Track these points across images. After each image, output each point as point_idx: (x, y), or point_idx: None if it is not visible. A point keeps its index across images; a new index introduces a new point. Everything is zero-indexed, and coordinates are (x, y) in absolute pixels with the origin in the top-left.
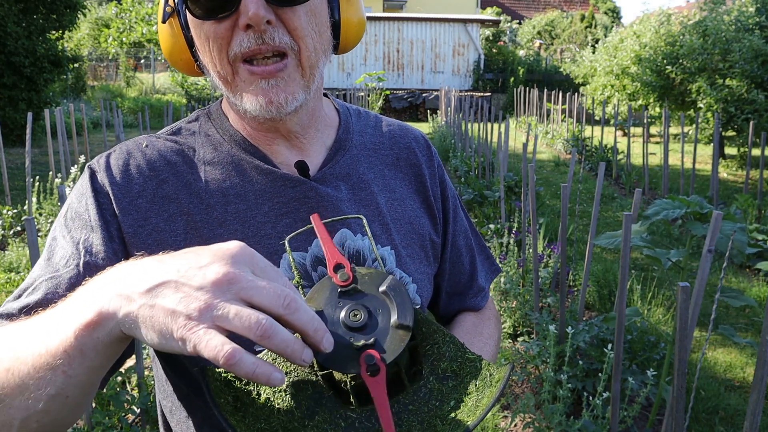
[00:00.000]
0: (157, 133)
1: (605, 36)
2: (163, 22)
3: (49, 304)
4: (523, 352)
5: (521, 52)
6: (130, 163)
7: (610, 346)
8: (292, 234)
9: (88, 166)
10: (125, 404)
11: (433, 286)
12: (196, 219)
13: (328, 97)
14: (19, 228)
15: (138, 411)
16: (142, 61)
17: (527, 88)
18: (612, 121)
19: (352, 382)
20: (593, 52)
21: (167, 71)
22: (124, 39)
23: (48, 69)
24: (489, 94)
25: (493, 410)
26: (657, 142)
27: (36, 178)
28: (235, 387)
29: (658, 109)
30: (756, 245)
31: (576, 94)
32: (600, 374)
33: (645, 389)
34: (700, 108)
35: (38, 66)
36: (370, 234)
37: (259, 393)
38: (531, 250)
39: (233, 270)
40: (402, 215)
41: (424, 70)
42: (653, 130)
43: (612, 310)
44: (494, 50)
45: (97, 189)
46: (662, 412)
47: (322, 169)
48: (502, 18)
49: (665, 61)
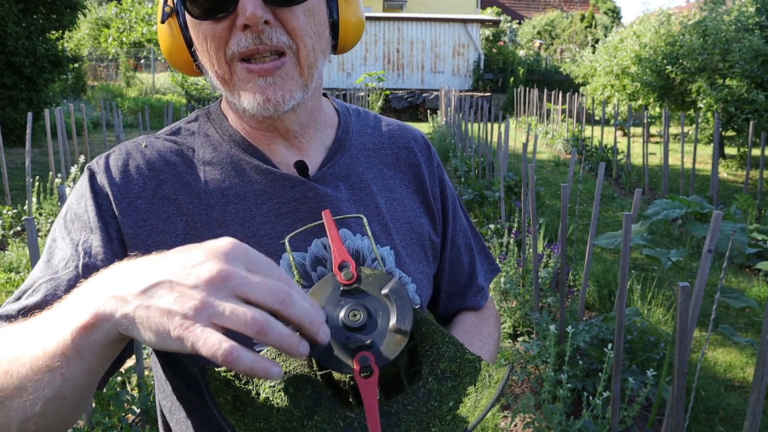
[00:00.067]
0: (156, 134)
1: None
2: (162, 22)
3: (48, 306)
4: (523, 352)
5: (521, 52)
6: (129, 163)
7: (610, 346)
8: (293, 233)
9: (88, 167)
10: (125, 404)
11: (432, 285)
12: (195, 219)
13: (327, 97)
14: (19, 228)
15: (138, 411)
16: (142, 61)
17: (527, 88)
18: (612, 121)
19: (351, 382)
20: (593, 52)
21: (167, 71)
22: (124, 39)
23: (48, 69)
24: (489, 94)
25: (493, 410)
26: (657, 142)
27: (36, 178)
28: (235, 386)
29: (658, 109)
30: (756, 245)
31: (576, 94)
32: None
33: (645, 389)
34: (700, 108)
35: (38, 66)
36: (370, 233)
37: (258, 392)
38: (531, 250)
39: (227, 267)
40: (401, 215)
41: (424, 70)
42: (653, 130)
43: (612, 310)
44: (494, 50)
45: (97, 190)
46: (662, 412)
47: (322, 169)
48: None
49: (665, 61)
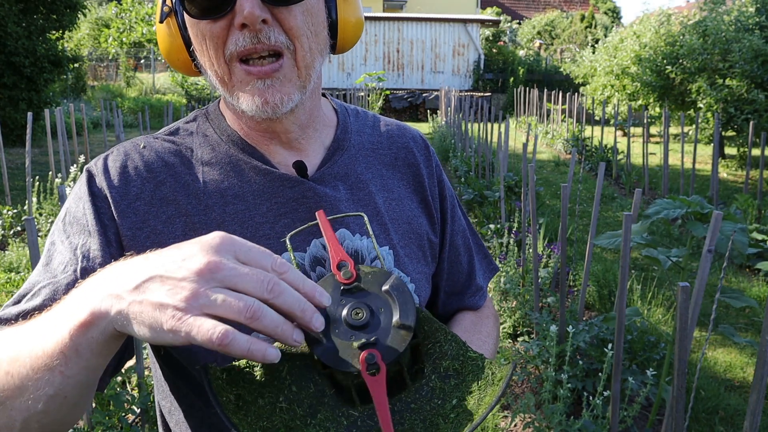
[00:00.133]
0: (154, 134)
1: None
2: (161, 21)
3: (46, 310)
4: (523, 352)
5: (521, 52)
6: (127, 165)
7: (610, 346)
8: (294, 231)
9: (86, 168)
10: (125, 404)
11: (431, 285)
12: (194, 220)
13: (326, 97)
14: (19, 228)
15: (138, 411)
16: (142, 61)
17: (527, 88)
18: (612, 121)
19: (354, 380)
20: (593, 52)
21: (167, 71)
22: (124, 39)
23: (48, 69)
24: (489, 94)
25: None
26: (657, 142)
27: (36, 178)
28: (238, 385)
29: (658, 109)
30: (756, 245)
31: (576, 94)
32: (600, 374)
33: (645, 389)
34: (700, 108)
35: (38, 66)
36: (371, 232)
37: (261, 391)
38: (531, 250)
39: (215, 258)
40: (400, 215)
41: (424, 70)
42: (653, 130)
43: (612, 310)
44: (494, 50)
45: (95, 192)
46: (662, 412)
47: (321, 169)
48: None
49: (665, 61)
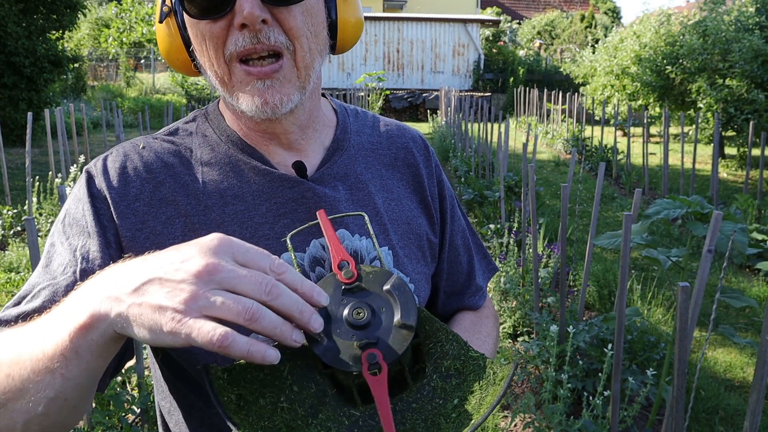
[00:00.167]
0: (154, 134)
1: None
2: (161, 21)
3: (47, 312)
4: (523, 352)
5: (521, 52)
6: (127, 165)
7: (610, 346)
8: (294, 231)
9: (86, 170)
10: (125, 404)
11: (430, 285)
12: (194, 221)
13: (325, 97)
14: (19, 228)
15: (138, 411)
16: (142, 61)
17: (527, 88)
18: (612, 121)
19: (356, 380)
20: (593, 52)
21: (167, 71)
22: (124, 39)
23: (48, 69)
24: (489, 94)
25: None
26: (657, 142)
27: (36, 178)
28: (239, 385)
29: (658, 109)
30: (756, 245)
31: (576, 94)
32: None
33: (645, 389)
34: (700, 108)
35: (38, 66)
36: (372, 231)
37: (262, 391)
38: (531, 250)
39: (213, 261)
40: (399, 215)
41: (424, 70)
42: (653, 130)
43: (612, 310)
44: (494, 50)
45: (94, 194)
46: (662, 412)
47: (320, 170)
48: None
49: (665, 61)
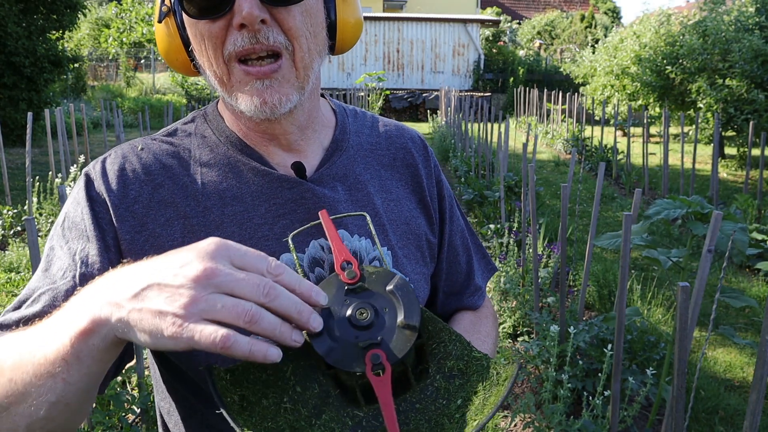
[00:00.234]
0: (152, 135)
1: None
2: (160, 21)
3: (47, 316)
4: (523, 352)
5: (521, 52)
6: (125, 167)
7: (610, 346)
8: (295, 231)
9: (84, 172)
10: (125, 404)
11: (430, 286)
12: (193, 222)
13: (324, 97)
14: (19, 228)
15: (138, 411)
16: (142, 61)
17: (527, 88)
18: (612, 121)
19: (359, 380)
20: (593, 52)
21: (167, 71)
22: (124, 39)
23: (48, 69)
24: (489, 94)
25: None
26: (657, 142)
27: (36, 178)
28: (242, 386)
29: (658, 109)
30: (756, 245)
31: (576, 94)
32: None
33: (645, 389)
34: (700, 108)
35: (38, 66)
36: (373, 231)
37: (265, 392)
38: (531, 250)
39: (211, 265)
40: (398, 216)
41: (424, 70)
42: (653, 130)
43: (612, 310)
44: (494, 50)
45: (93, 197)
46: (662, 412)
47: (319, 170)
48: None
49: (665, 61)
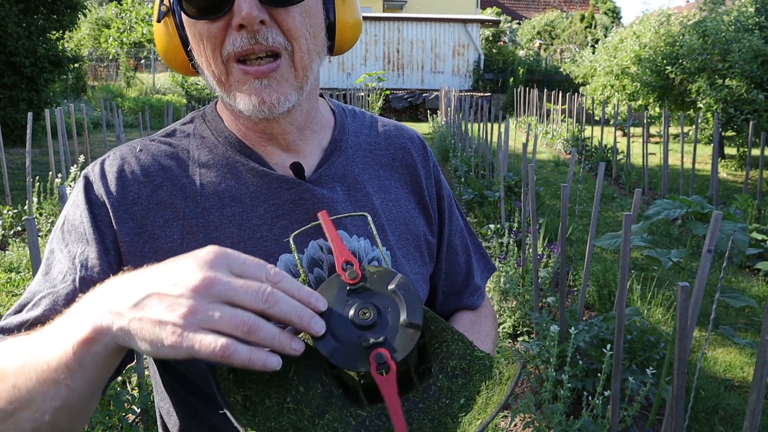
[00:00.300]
0: (151, 136)
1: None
2: (158, 21)
3: (48, 320)
4: (523, 352)
5: (521, 52)
6: (124, 169)
7: (609, 346)
8: (296, 232)
9: (83, 175)
10: (125, 404)
11: (429, 286)
12: (192, 223)
13: (323, 97)
14: (19, 228)
15: (138, 411)
16: (143, 61)
17: (527, 89)
18: (612, 121)
19: (362, 380)
20: (593, 53)
21: (167, 71)
22: (124, 39)
23: (48, 69)
24: (489, 94)
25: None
26: (657, 142)
27: (36, 178)
28: (245, 386)
29: (657, 109)
30: (756, 245)
31: (576, 94)
32: (600, 374)
33: (645, 389)
34: (700, 108)
35: (39, 66)
36: (375, 231)
37: (268, 392)
38: (531, 250)
39: (209, 274)
40: (397, 216)
41: (424, 70)
42: (653, 130)
43: (612, 310)
44: (494, 50)
45: (92, 200)
46: (662, 412)
47: (318, 171)
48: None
49: (665, 62)
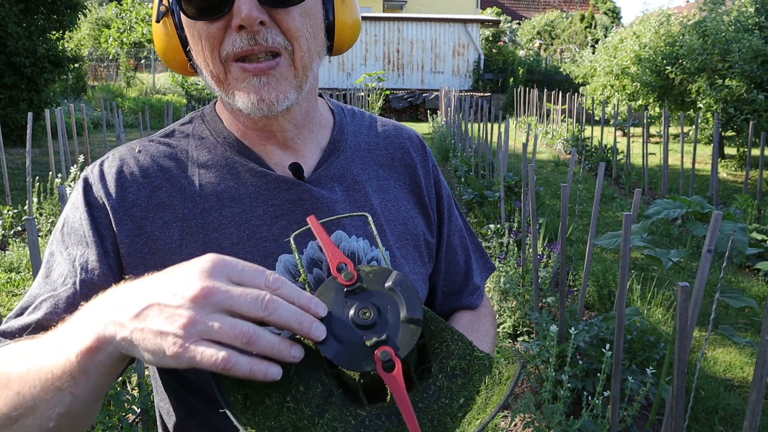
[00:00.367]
0: (150, 137)
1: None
2: (158, 21)
3: (49, 323)
4: (523, 352)
5: (521, 52)
6: (123, 170)
7: (609, 345)
8: (296, 232)
9: (82, 176)
10: (125, 404)
11: (428, 286)
12: (191, 224)
13: (322, 97)
14: (19, 228)
15: (138, 411)
16: (143, 61)
17: (527, 89)
18: (612, 121)
19: (362, 380)
20: (593, 53)
21: (167, 71)
22: (124, 39)
23: (48, 69)
24: (489, 94)
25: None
26: (657, 142)
27: (36, 178)
28: (245, 385)
29: (657, 109)
30: (756, 245)
31: (576, 94)
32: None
33: (645, 389)
34: (700, 108)
35: (39, 66)
36: (375, 231)
37: (268, 391)
38: (531, 250)
39: (208, 284)
40: (396, 216)
41: (424, 70)
42: (653, 130)
43: (612, 310)
44: (494, 50)
45: (91, 202)
46: (662, 412)
47: (317, 171)
48: (502, 18)
49: (665, 62)
